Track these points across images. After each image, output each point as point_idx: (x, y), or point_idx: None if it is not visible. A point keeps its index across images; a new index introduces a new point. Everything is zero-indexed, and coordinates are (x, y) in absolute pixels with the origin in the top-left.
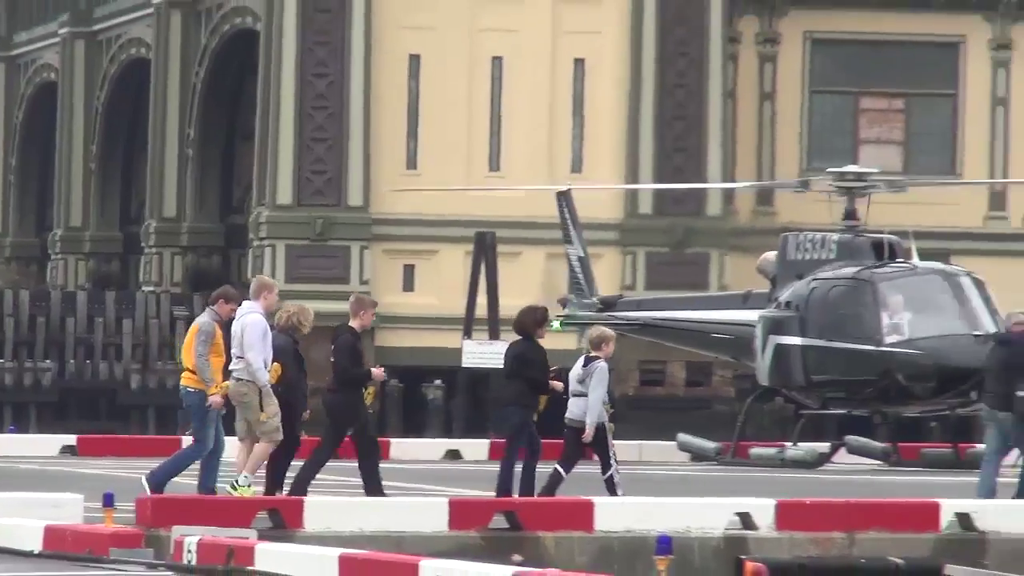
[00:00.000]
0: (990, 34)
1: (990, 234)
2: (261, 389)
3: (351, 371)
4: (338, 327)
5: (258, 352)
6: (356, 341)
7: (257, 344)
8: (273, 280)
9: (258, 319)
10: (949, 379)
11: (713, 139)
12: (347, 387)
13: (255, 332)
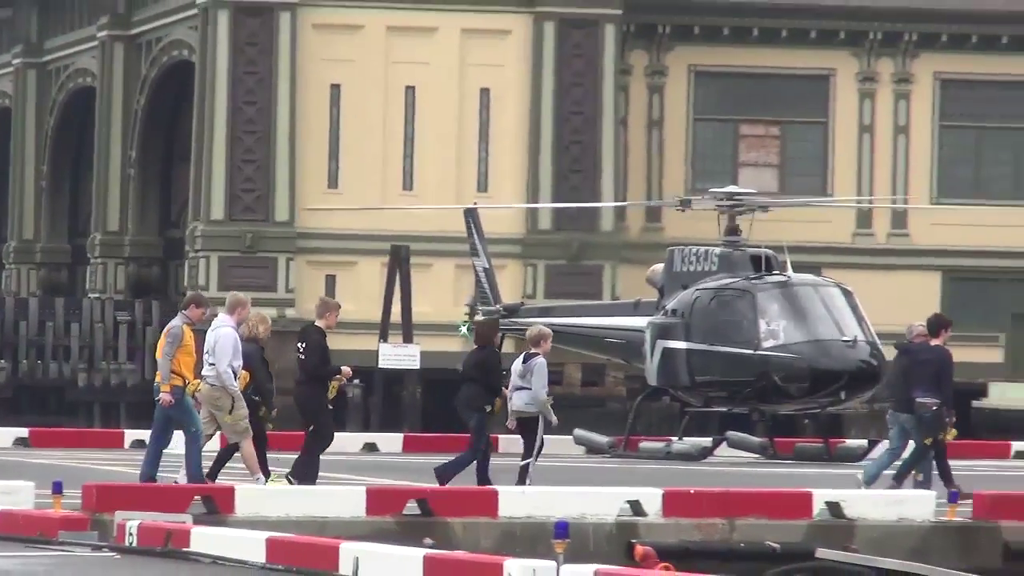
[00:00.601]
0: (857, 68)
1: (857, 249)
2: (232, 395)
3: (321, 368)
4: (305, 327)
5: (227, 362)
6: (324, 340)
7: (227, 355)
8: (247, 297)
9: (230, 332)
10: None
11: (606, 162)
12: (316, 382)
13: (227, 344)
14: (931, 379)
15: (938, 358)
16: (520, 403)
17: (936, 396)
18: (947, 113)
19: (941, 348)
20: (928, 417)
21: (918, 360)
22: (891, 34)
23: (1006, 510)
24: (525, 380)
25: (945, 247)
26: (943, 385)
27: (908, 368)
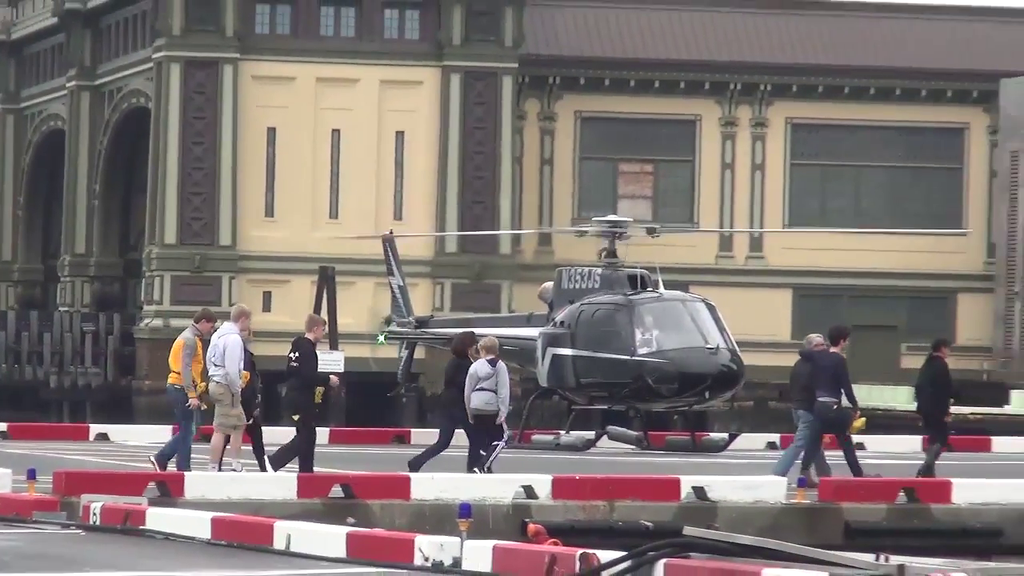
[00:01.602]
0: (720, 114)
1: (720, 269)
2: (233, 393)
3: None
4: (298, 339)
5: (236, 366)
6: (314, 350)
7: (236, 360)
8: (249, 308)
9: (237, 340)
10: (687, 382)
11: (504, 195)
12: (308, 387)
13: (235, 350)
14: (830, 381)
15: (836, 363)
16: (480, 402)
17: (835, 396)
18: (797, 153)
19: (838, 354)
20: (832, 415)
21: (819, 365)
22: (748, 85)
23: (847, 494)
24: (490, 383)
25: (795, 268)
26: (842, 385)
27: (810, 372)
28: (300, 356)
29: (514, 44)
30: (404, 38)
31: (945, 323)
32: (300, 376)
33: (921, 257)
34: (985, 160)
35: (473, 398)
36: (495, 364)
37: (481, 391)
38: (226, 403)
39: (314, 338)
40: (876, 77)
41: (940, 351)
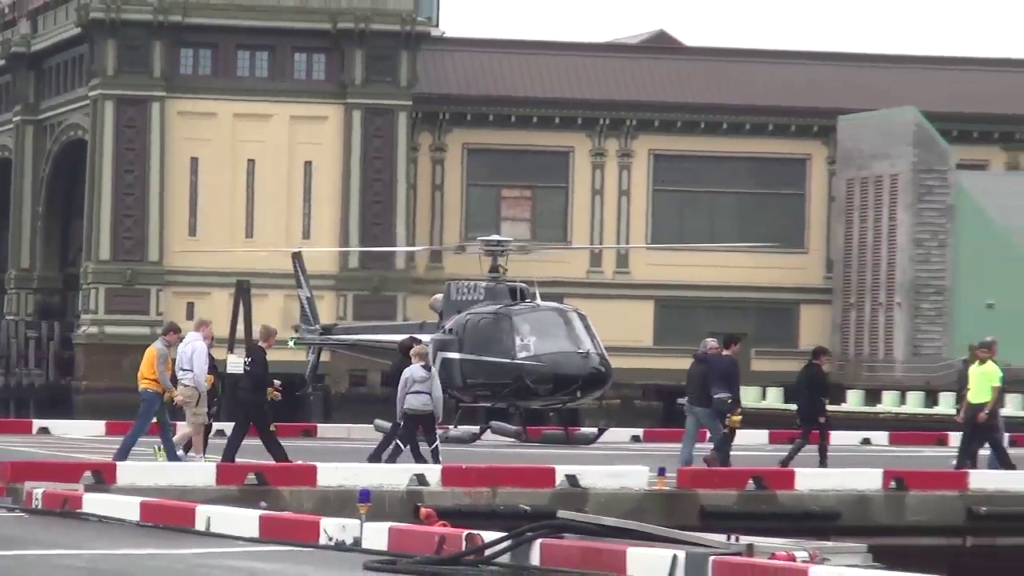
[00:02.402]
0: (590, 146)
1: (590, 283)
2: (200, 394)
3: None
4: (252, 347)
5: (203, 370)
6: (265, 356)
7: (203, 364)
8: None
9: (203, 346)
10: (561, 383)
11: (400, 217)
12: (260, 390)
13: (202, 356)
14: (723, 380)
15: (728, 365)
16: (418, 403)
17: (728, 392)
18: (658, 180)
19: (730, 357)
20: (727, 409)
21: (714, 366)
22: (616, 120)
23: (702, 481)
24: (425, 386)
25: (657, 282)
26: (732, 385)
27: (705, 373)
28: (252, 362)
29: (408, 84)
30: (311, 79)
31: (789, 331)
32: (251, 377)
33: (768, 272)
34: (824, 187)
35: (409, 399)
36: (429, 370)
37: (417, 393)
38: (194, 403)
39: (266, 346)
40: (728, 113)
41: (819, 359)
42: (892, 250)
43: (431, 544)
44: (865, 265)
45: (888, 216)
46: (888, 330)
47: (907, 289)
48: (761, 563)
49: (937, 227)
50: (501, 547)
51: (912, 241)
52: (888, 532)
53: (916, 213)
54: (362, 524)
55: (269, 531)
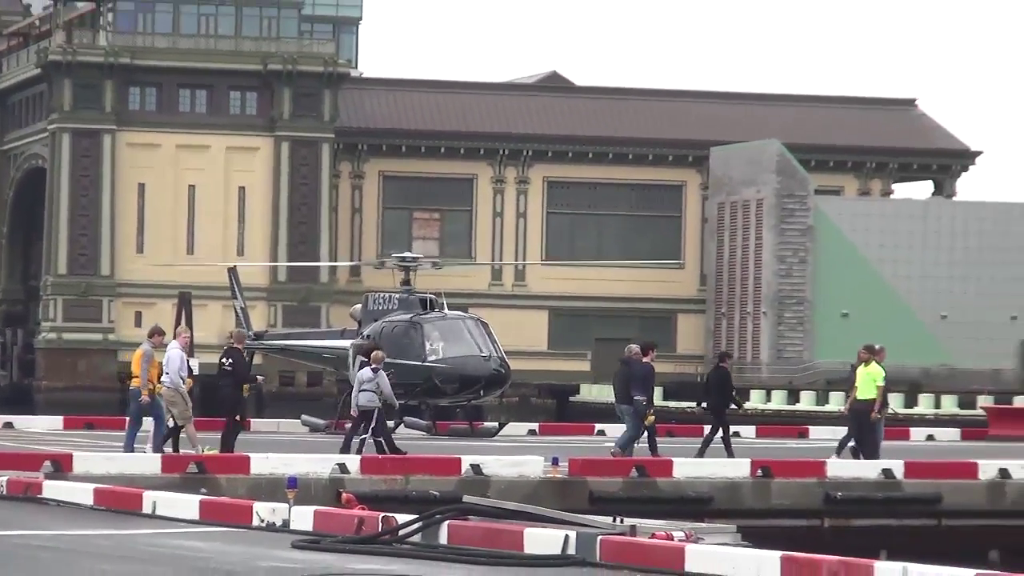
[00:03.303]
0: (492, 173)
1: (492, 294)
2: (181, 394)
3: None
4: (229, 348)
5: (176, 373)
6: (243, 357)
7: (176, 369)
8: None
9: (177, 353)
10: (466, 383)
11: (323, 236)
12: (238, 385)
13: (175, 362)
14: (642, 383)
15: (647, 369)
16: (365, 400)
17: (644, 394)
18: (552, 204)
19: (649, 363)
20: (642, 408)
21: (633, 371)
22: (514, 151)
23: (591, 470)
24: (371, 384)
25: (551, 294)
26: (648, 387)
27: (628, 375)
28: (233, 363)
29: (331, 119)
30: (245, 114)
31: (668, 337)
32: (233, 376)
33: (649, 285)
34: (698, 210)
35: (360, 397)
36: (376, 371)
37: (365, 391)
38: (178, 403)
39: (242, 347)
40: (613, 145)
41: (724, 362)
42: (758, 266)
43: (351, 525)
44: (735, 279)
45: (755, 236)
46: (755, 336)
47: (772, 300)
48: (642, 542)
49: (798, 245)
50: (413, 528)
51: (776, 258)
52: (755, 515)
53: (779, 233)
54: (290, 508)
55: (208, 514)
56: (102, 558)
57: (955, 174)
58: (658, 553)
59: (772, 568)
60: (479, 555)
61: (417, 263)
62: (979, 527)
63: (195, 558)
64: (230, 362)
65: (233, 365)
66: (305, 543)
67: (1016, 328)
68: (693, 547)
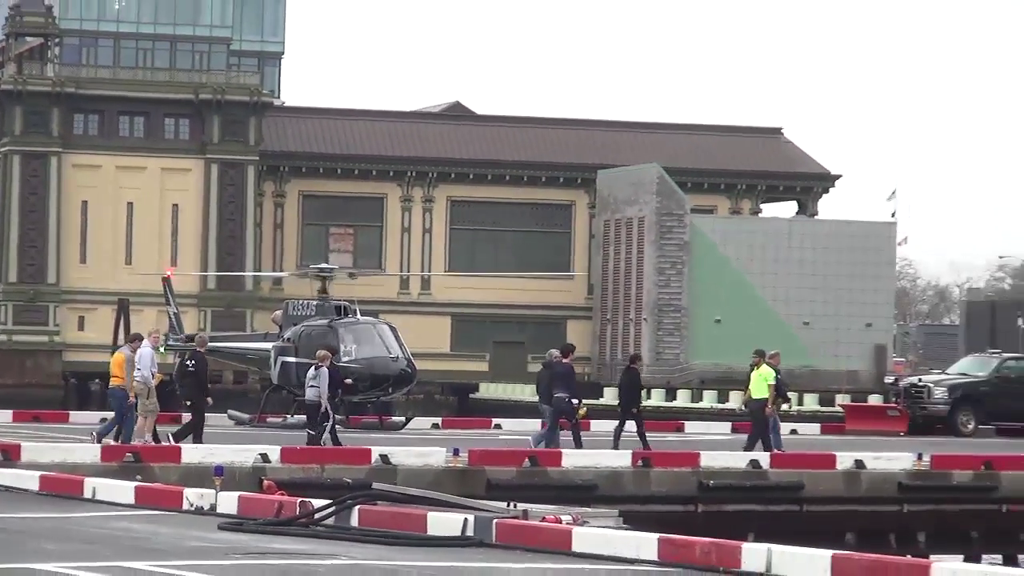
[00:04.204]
0: (400, 193)
1: (400, 302)
2: (149, 388)
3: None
4: (193, 351)
5: (147, 370)
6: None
7: (147, 366)
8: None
9: (148, 351)
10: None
11: (248, 249)
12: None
13: (146, 359)
14: (564, 382)
15: (568, 370)
16: (311, 395)
17: (567, 392)
18: (454, 220)
19: (569, 364)
20: (565, 407)
21: (556, 372)
22: (420, 173)
23: (488, 460)
24: (315, 380)
25: (453, 301)
26: (571, 386)
27: (550, 377)
28: (196, 363)
29: (255, 143)
30: (178, 139)
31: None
32: (195, 376)
33: (541, 294)
34: (586, 227)
35: (307, 392)
36: (319, 369)
37: (311, 388)
38: (144, 396)
39: (204, 350)
40: (510, 168)
41: (635, 364)
42: (640, 277)
43: (272, 509)
44: (619, 288)
45: (637, 250)
46: (637, 340)
47: (652, 308)
48: (533, 524)
49: (676, 259)
50: (327, 512)
51: (656, 270)
52: (636, 500)
53: (659, 248)
54: (217, 493)
55: (142, 499)
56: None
57: (817, 195)
58: (548, 535)
59: (650, 549)
60: (387, 536)
61: (333, 273)
62: (837, 512)
63: (131, 538)
64: (193, 363)
65: (195, 366)
66: (230, 525)
67: (870, 334)
68: (579, 530)
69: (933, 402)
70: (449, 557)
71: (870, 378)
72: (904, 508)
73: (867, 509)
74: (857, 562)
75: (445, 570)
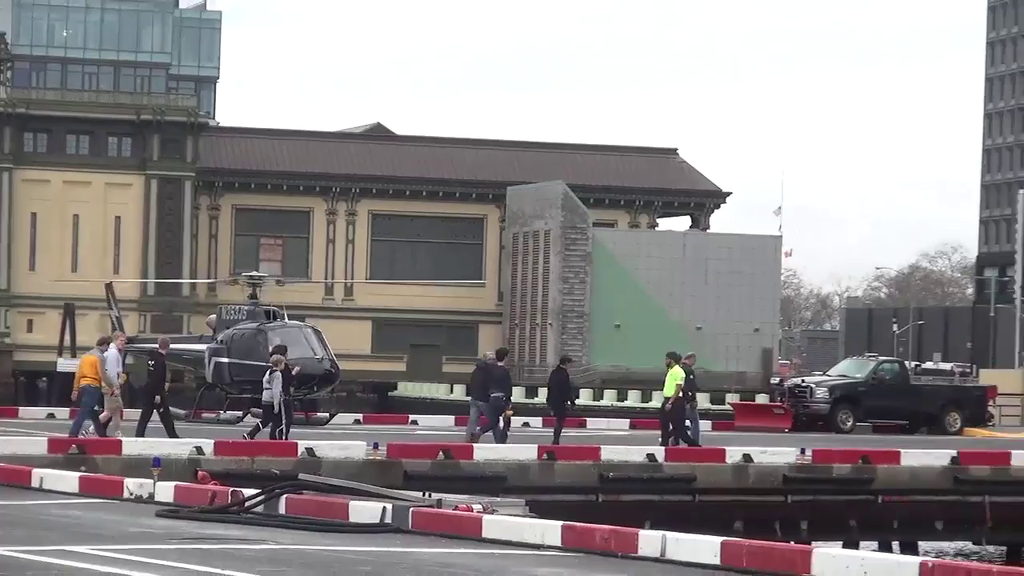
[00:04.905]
0: (326, 207)
1: (325, 307)
2: (113, 386)
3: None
4: (152, 352)
5: (113, 371)
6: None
7: (112, 367)
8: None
9: (113, 354)
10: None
11: (185, 258)
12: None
13: (111, 362)
14: (500, 382)
15: (504, 372)
16: (267, 397)
17: (503, 392)
18: (376, 233)
19: (504, 367)
20: (499, 404)
21: (491, 374)
22: (344, 189)
23: (406, 453)
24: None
25: (374, 307)
26: (504, 386)
27: (486, 378)
28: (155, 364)
29: (192, 160)
30: (121, 156)
31: (471, 343)
32: (155, 374)
33: (455, 300)
34: (497, 239)
35: (264, 394)
36: (273, 372)
37: (266, 390)
38: (109, 394)
39: (164, 352)
40: (427, 184)
41: (565, 365)
42: (546, 285)
43: (206, 498)
44: (526, 296)
45: (543, 260)
46: (543, 343)
47: (557, 313)
48: (447, 512)
49: (579, 268)
50: (257, 500)
51: (560, 279)
52: (542, 491)
53: (564, 258)
54: (155, 483)
55: (86, 488)
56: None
57: (709, 211)
58: (460, 522)
59: (554, 535)
60: (312, 523)
61: (263, 281)
62: (726, 502)
63: (75, 524)
64: (153, 363)
65: (155, 366)
66: (167, 512)
67: (758, 338)
68: (489, 517)
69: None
70: (369, 542)
71: (757, 379)
72: (788, 499)
73: (754, 499)
74: (744, 547)
75: (365, 554)
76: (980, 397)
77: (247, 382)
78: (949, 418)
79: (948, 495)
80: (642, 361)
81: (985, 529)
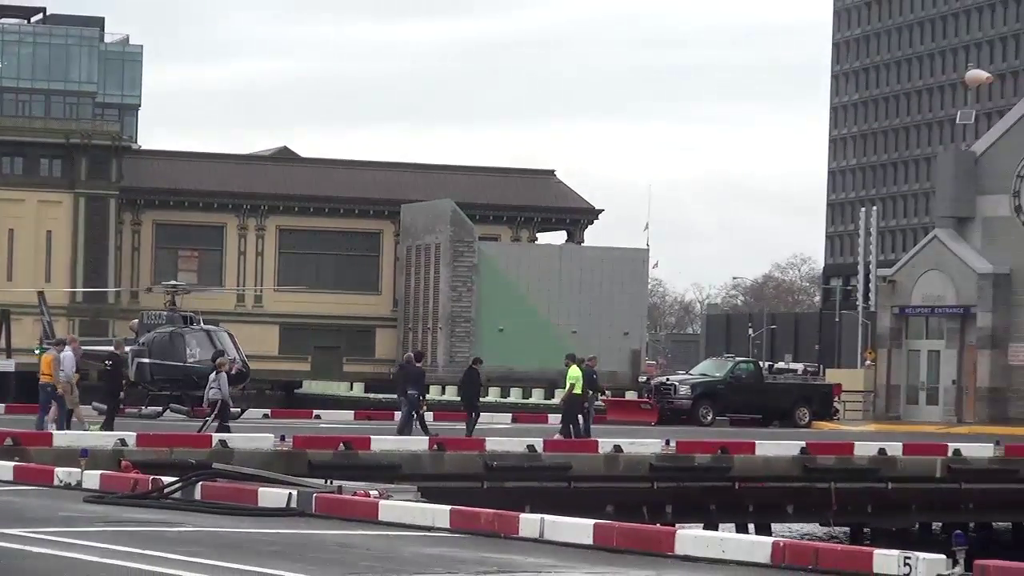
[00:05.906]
0: (237, 223)
1: (238, 313)
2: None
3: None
4: (111, 354)
5: (69, 371)
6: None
7: (68, 367)
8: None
9: (68, 355)
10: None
11: (110, 268)
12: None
13: (67, 362)
14: (415, 381)
15: (419, 371)
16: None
17: (417, 390)
18: (283, 245)
19: (420, 367)
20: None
21: (410, 373)
22: (254, 206)
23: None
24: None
25: (282, 312)
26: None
27: (404, 376)
28: (112, 364)
29: (117, 180)
30: (52, 176)
31: (369, 346)
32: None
33: (355, 307)
34: (392, 252)
35: (209, 392)
36: (219, 373)
37: (211, 389)
38: (69, 392)
39: (120, 352)
40: (329, 202)
41: (476, 364)
42: (436, 293)
43: (129, 485)
44: (419, 303)
45: (434, 271)
46: (434, 346)
47: (446, 319)
48: (347, 498)
49: (466, 278)
50: (175, 487)
51: (450, 287)
52: (432, 478)
53: (452, 269)
54: (82, 472)
55: (20, 476)
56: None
57: (583, 226)
58: (358, 507)
59: (443, 518)
60: (225, 507)
61: (180, 289)
62: (599, 488)
63: (9, 509)
64: (110, 363)
65: (112, 366)
66: (94, 498)
67: (627, 341)
68: (385, 502)
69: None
70: (277, 525)
71: (627, 378)
72: (654, 485)
73: (624, 486)
74: (615, 529)
75: (274, 535)
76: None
77: (167, 380)
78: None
79: (798, 482)
80: (523, 361)
81: (831, 513)
